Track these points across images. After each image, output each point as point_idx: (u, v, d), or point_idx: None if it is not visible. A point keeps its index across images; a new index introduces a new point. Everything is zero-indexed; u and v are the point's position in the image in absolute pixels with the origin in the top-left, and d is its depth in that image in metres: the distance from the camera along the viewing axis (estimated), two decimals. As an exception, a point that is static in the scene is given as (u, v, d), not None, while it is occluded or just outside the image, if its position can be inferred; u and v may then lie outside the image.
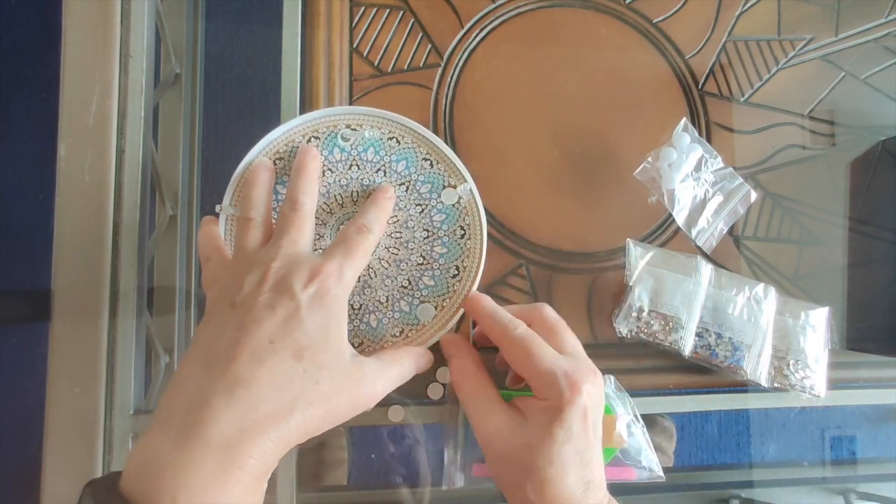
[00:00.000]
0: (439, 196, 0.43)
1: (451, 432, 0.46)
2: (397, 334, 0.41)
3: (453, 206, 0.43)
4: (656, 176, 0.51)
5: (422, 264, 0.42)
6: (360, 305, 0.42)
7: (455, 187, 0.43)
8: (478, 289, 0.42)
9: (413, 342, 0.41)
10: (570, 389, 0.35)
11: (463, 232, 0.43)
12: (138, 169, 0.46)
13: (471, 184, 0.43)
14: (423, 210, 0.43)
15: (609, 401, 0.45)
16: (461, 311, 0.42)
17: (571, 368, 0.36)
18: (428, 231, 0.43)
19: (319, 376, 0.32)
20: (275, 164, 0.42)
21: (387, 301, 0.42)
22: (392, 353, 0.37)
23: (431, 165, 0.43)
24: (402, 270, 0.42)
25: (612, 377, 0.47)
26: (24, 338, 1.12)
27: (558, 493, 0.34)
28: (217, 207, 0.41)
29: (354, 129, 0.43)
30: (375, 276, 0.42)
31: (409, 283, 0.42)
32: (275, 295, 0.32)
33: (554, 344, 0.38)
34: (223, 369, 0.30)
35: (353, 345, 0.41)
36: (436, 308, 0.42)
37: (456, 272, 0.42)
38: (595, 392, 0.36)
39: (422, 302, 0.42)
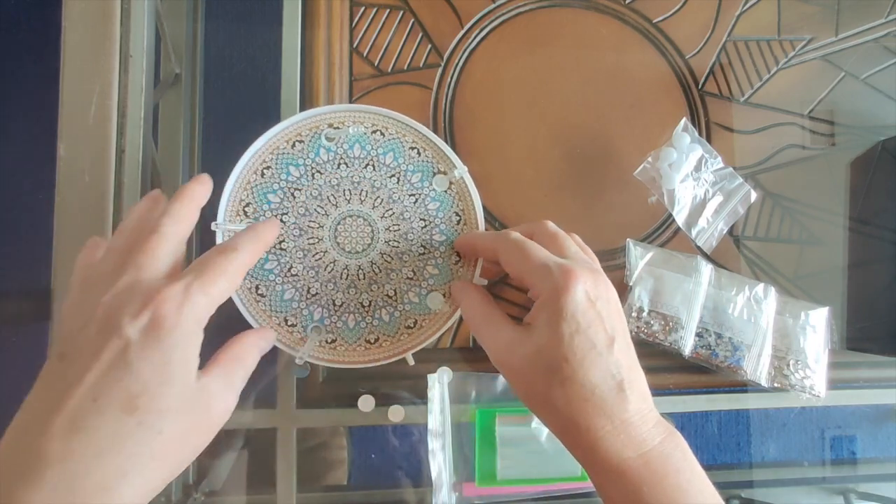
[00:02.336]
0: (431, 184, 0.43)
1: (438, 453, 0.46)
2: (411, 325, 0.42)
3: (445, 192, 0.43)
4: (656, 176, 0.51)
5: (424, 254, 0.42)
6: (370, 302, 0.42)
7: (445, 173, 0.43)
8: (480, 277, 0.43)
9: (428, 331, 0.42)
10: (563, 276, 0.32)
11: (458, 218, 0.43)
12: (138, 169, 0.46)
13: (461, 169, 0.43)
14: (416, 200, 0.43)
15: None
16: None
17: (567, 262, 0.33)
18: (424, 220, 0.43)
19: (162, 424, 0.27)
20: (262, 174, 0.42)
21: (395, 294, 0.42)
22: (232, 353, 0.33)
23: (419, 154, 0.43)
24: (406, 262, 0.42)
25: None
26: (24, 338, 1.12)
27: (585, 391, 0.31)
28: (213, 224, 0.41)
29: (337, 128, 0.43)
30: (380, 271, 0.42)
31: (414, 273, 0.42)
32: (101, 336, 0.27)
33: (554, 250, 0.36)
34: (31, 448, 0.26)
35: (369, 342, 0.42)
36: (444, 295, 0.42)
37: (457, 258, 0.43)
38: (598, 283, 0.33)
39: (429, 291, 0.42)
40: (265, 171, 0.42)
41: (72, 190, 0.45)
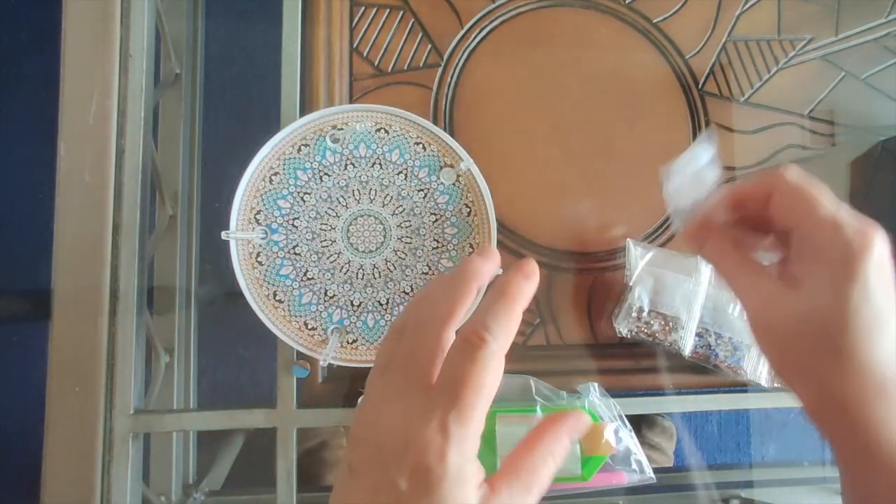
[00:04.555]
0: (439, 178, 0.43)
1: None
2: None
3: (454, 185, 0.43)
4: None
5: (437, 248, 0.43)
6: (388, 300, 0.42)
7: (452, 166, 0.43)
8: None
9: None
10: (860, 234, 0.28)
11: (469, 209, 0.43)
12: (138, 169, 0.46)
13: (468, 161, 0.43)
14: (426, 195, 0.43)
15: (594, 408, 0.45)
16: (486, 285, 0.42)
17: (856, 217, 0.29)
18: (435, 214, 0.43)
19: None
20: (271, 180, 0.42)
21: (412, 290, 0.42)
22: (519, 467, 0.27)
23: (424, 148, 0.43)
24: (420, 257, 0.43)
25: (595, 384, 0.47)
26: (25, 337, 1.12)
27: (864, 369, 0.27)
28: (224, 234, 0.41)
29: (341, 129, 0.43)
30: (395, 269, 0.42)
31: (429, 268, 0.43)
32: (378, 472, 0.26)
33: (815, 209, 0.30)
34: None
35: None
36: None
37: (471, 250, 0.43)
38: (891, 248, 0.29)
39: None
40: (273, 177, 0.42)
41: (72, 190, 0.45)
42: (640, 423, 0.96)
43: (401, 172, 0.43)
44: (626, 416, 0.46)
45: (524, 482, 0.26)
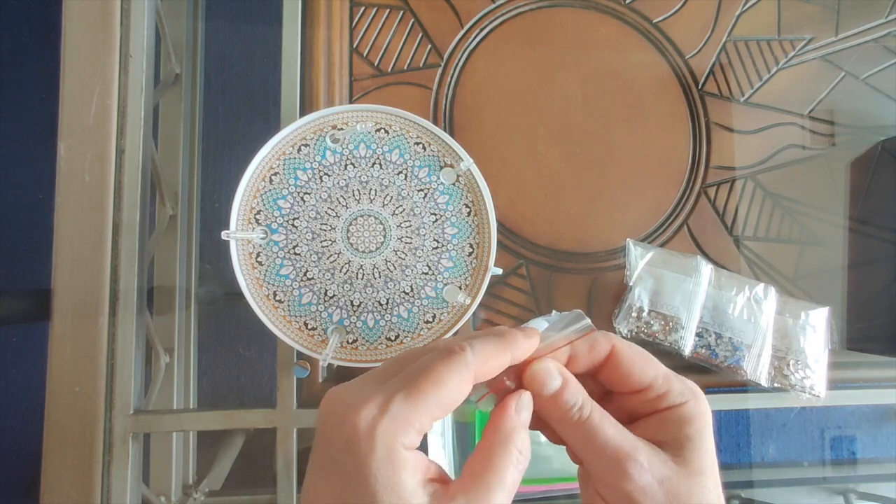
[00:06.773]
0: (439, 178, 0.43)
1: (438, 453, 0.46)
2: (430, 320, 0.42)
3: (454, 185, 0.43)
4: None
5: (437, 248, 0.43)
6: (388, 300, 0.42)
7: (452, 166, 0.43)
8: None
9: (447, 324, 0.42)
10: (696, 388, 0.28)
11: (469, 209, 0.43)
12: (138, 169, 0.46)
13: (468, 161, 0.43)
14: (426, 194, 0.43)
15: None
16: (486, 283, 0.43)
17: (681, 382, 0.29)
18: (435, 214, 0.43)
19: None
20: (271, 180, 0.42)
21: (411, 290, 0.43)
22: (478, 465, 0.25)
23: (424, 148, 0.44)
24: (420, 257, 0.43)
25: None
26: (24, 337, 1.12)
27: None
28: (223, 234, 0.41)
29: (341, 129, 0.43)
30: (395, 269, 0.43)
31: (429, 268, 0.43)
32: (320, 466, 0.25)
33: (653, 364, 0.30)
34: None
35: (389, 339, 0.42)
36: (460, 288, 0.43)
37: (471, 250, 0.43)
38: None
39: (445, 284, 0.43)
40: (273, 177, 0.42)
41: (72, 190, 0.45)
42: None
43: (401, 172, 0.43)
44: (626, 416, 0.46)
45: (485, 483, 0.24)
